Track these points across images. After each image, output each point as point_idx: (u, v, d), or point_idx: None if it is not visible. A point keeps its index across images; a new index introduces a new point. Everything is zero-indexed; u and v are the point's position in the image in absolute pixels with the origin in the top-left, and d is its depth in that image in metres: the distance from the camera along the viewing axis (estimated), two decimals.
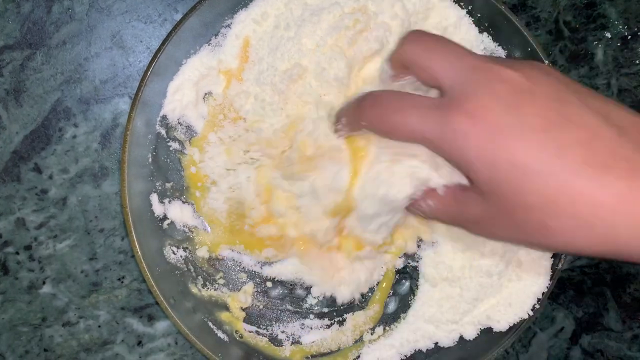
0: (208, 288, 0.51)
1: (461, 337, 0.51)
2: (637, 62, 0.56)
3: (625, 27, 0.56)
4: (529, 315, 0.48)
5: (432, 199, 0.37)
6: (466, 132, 0.30)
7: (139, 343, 0.54)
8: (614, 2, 0.56)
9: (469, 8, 0.50)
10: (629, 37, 0.56)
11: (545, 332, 0.56)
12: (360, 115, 0.37)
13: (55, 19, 0.53)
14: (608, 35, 0.56)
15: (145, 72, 0.47)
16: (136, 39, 0.54)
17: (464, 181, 0.36)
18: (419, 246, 0.51)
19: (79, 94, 0.53)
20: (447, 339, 0.50)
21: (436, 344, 0.51)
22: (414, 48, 0.35)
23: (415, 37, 0.36)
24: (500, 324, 0.49)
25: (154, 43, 0.54)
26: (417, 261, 0.52)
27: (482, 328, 0.50)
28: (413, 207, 0.39)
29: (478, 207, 0.32)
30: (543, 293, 0.49)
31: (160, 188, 0.50)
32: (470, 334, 0.50)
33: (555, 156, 0.29)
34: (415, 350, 0.51)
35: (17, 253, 0.53)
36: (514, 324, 0.49)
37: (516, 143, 0.29)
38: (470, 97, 0.31)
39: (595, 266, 0.56)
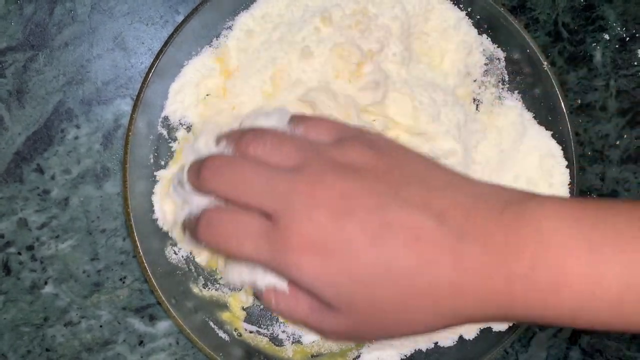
0: (209, 288, 0.51)
1: (461, 337, 0.51)
2: (636, 63, 0.56)
3: (624, 29, 0.56)
4: None
5: (282, 300, 0.36)
6: (297, 261, 0.31)
7: (141, 343, 0.54)
8: (612, 4, 0.56)
9: (469, 10, 0.51)
10: (628, 38, 0.56)
11: (544, 332, 0.57)
12: (198, 236, 0.35)
13: (58, 21, 0.54)
14: (607, 37, 0.56)
15: (147, 73, 0.48)
16: (138, 40, 0.54)
17: None
18: None
19: (81, 95, 0.54)
20: (447, 339, 0.51)
21: (436, 343, 0.51)
22: (212, 182, 0.34)
23: (213, 163, 0.34)
24: (500, 324, 0.49)
25: (155, 44, 0.54)
26: None
27: (482, 328, 0.50)
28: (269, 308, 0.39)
29: (336, 320, 0.33)
30: None
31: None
32: (470, 333, 0.50)
33: (389, 263, 0.30)
34: (415, 350, 0.51)
35: (19, 253, 0.53)
36: (514, 323, 0.49)
37: (349, 261, 0.30)
38: (294, 229, 0.31)
39: None
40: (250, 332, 0.51)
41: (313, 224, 0.31)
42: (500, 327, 0.49)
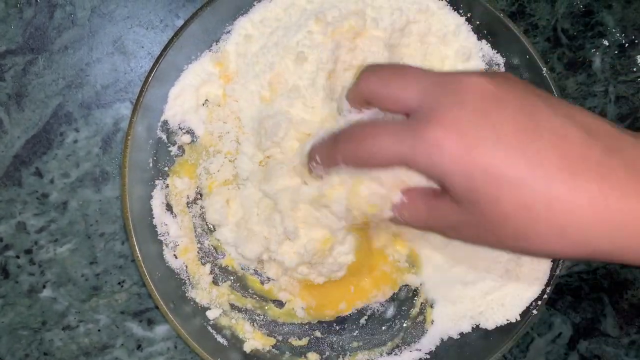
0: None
1: (460, 341, 0.51)
2: (635, 69, 0.57)
3: (623, 34, 0.56)
4: (516, 319, 0.49)
5: (404, 209, 0.36)
6: (439, 145, 0.30)
7: (139, 347, 0.54)
8: (611, 10, 0.56)
9: (468, 15, 0.51)
10: (627, 44, 0.56)
11: (542, 338, 0.57)
12: (336, 152, 0.36)
13: (58, 24, 0.54)
14: (606, 42, 0.57)
15: (147, 77, 0.48)
16: (137, 44, 0.54)
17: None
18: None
19: (80, 99, 0.54)
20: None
21: (432, 350, 0.52)
22: (370, 80, 0.35)
23: (369, 70, 0.36)
24: (488, 323, 0.50)
25: (155, 49, 0.54)
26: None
27: (475, 324, 0.50)
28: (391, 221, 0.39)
29: (454, 215, 0.32)
30: (537, 299, 0.49)
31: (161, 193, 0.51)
32: (465, 327, 0.51)
33: (529, 163, 0.29)
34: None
35: (18, 257, 0.53)
36: (502, 325, 0.49)
37: (490, 152, 0.29)
38: (439, 110, 0.31)
39: (593, 272, 0.57)
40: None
41: (461, 107, 0.30)
42: (488, 325, 0.50)
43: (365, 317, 0.53)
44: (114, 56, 0.54)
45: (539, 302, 0.49)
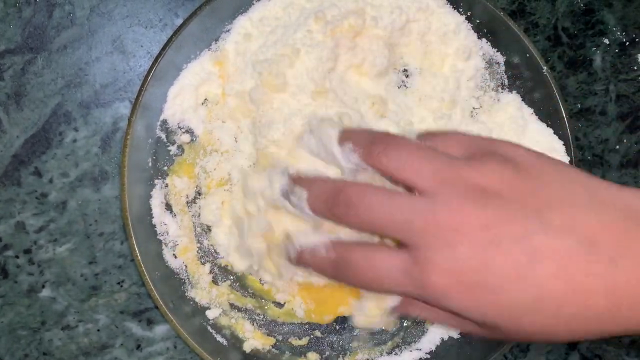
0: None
1: (460, 342, 0.51)
2: (635, 68, 0.56)
3: (624, 33, 0.56)
4: None
5: (424, 312, 0.37)
6: (443, 291, 0.31)
7: (138, 347, 0.54)
8: (612, 8, 0.56)
9: (468, 14, 0.51)
10: (627, 43, 0.56)
11: None
12: (329, 275, 0.36)
13: (56, 24, 0.53)
14: (606, 41, 0.56)
15: (146, 76, 0.47)
16: (137, 43, 0.54)
17: None
18: None
19: (79, 98, 0.54)
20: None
21: (432, 350, 0.51)
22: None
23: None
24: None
25: (154, 48, 0.54)
26: None
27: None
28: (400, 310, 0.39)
29: (481, 332, 0.33)
30: None
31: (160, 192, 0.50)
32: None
33: (537, 295, 0.29)
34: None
35: (17, 257, 0.53)
36: None
37: (496, 293, 0.30)
38: (436, 264, 0.31)
39: None
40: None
41: (456, 258, 0.30)
42: None
43: None
44: (113, 55, 0.54)
45: None
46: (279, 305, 0.52)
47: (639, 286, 0.28)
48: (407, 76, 0.52)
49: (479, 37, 0.51)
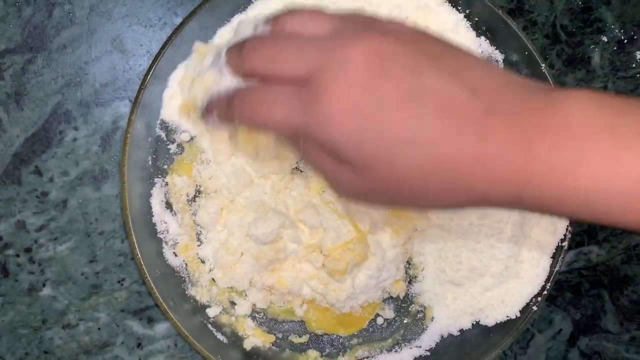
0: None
1: (460, 338, 0.51)
2: (634, 65, 0.57)
3: (622, 31, 0.56)
4: (516, 316, 0.49)
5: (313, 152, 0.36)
6: (328, 116, 0.31)
7: (139, 345, 0.54)
8: (610, 6, 0.56)
9: (467, 12, 0.51)
10: (625, 41, 0.56)
11: (543, 334, 0.57)
12: (231, 113, 0.36)
13: (56, 23, 0.54)
14: (604, 39, 0.56)
15: (146, 75, 0.48)
16: (136, 42, 0.54)
17: None
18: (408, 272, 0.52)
19: (79, 97, 0.54)
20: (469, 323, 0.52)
21: (432, 348, 0.52)
22: (253, 59, 0.35)
23: (250, 46, 0.35)
24: (488, 319, 0.50)
25: (154, 47, 0.54)
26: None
27: (475, 321, 0.50)
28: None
29: (356, 182, 0.33)
30: (536, 295, 0.49)
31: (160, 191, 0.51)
32: (465, 324, 0.51)
33: (417, 128, 0.30)
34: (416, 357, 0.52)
35: (18, 255, 0.53)
36: (502, 321, 0.49)
37: (379, 120, 0.30)
38: (327, 83, 0.31)
39: (593, 268, 0.56)
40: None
41: (347, 81, 0.31)
42: (488, 322, 0.50)
43: None
44: (112, 54, 0.54)
45: (539, 299, 0.49)
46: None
47: (505, 140, 0.30)
48: None
49: (478, 35, 0.51)
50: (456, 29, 0.51)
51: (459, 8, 0.51)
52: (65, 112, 0.54)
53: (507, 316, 0.50)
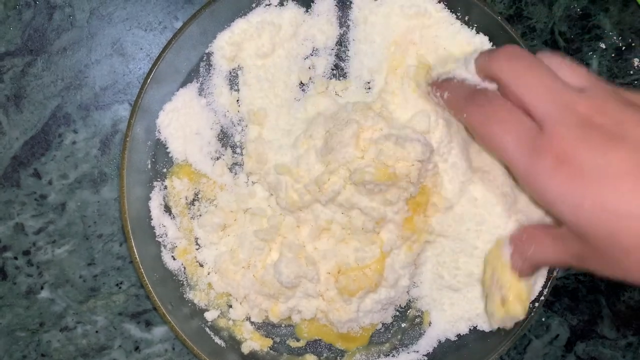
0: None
1: (456, 343, 0.51)
2: (632, 72, 0.57)
3: (620, 37, 0.57)
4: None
5: (531, 243, 0.38)
6: (550, 173, 0.31)
7: (137, 348, 0.54)
8: (608, 13, 0.57)
9: (466, 19, 0.51)
10: (624, 47, 0.57)
11: (540, 340, 0.57)
12: (464, 109, 0.37)
13: (56, 26, 0.54)
14: (603, 45, 0.57)
15: (145, 79, 0.48)
16: (136, 46, 0.54)
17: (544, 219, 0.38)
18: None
19: (79, 101, 0.54)
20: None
21: (429, 352, 0.52)
22: (505, 68, 0.36)
23: (509, 55, 0.36)
24: (486, 324, 0.50)
25: (154, 50, 0.54)
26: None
27: (472, 326, 0.50)
28: (516, 256, 0.40)
29: (575, 244, 0.33)
30: (534, 301, 0.49)
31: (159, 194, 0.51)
32: (462, 329, 0.51)
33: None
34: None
35: (16, 258, 0.53)
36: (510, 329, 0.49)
37: (604, 187, 0.30)
38: (561, 139, 0.31)
39: (590, 274, 0.57)
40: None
41: (580, 141, 0.31)
42: (485, 327, 0.50)
43: None
44: (112, 58, 0.54)
45: (536, 304, 0.49)
46: None
47: None
48: None
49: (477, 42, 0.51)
50: (455, 35, 0.51)
51: (458, 15, 0.51)
52: (64, 115, 0.54)
53: None
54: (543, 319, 0.57)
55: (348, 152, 0.43)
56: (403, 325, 0.53)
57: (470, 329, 0.51)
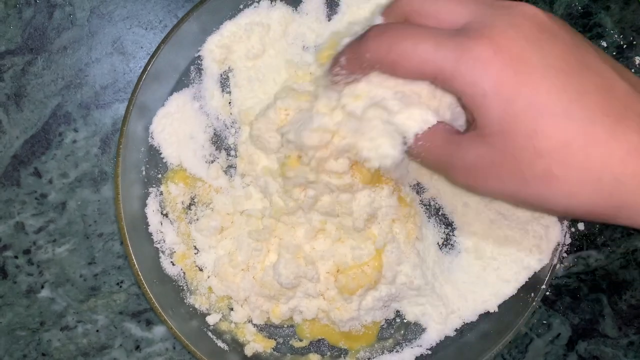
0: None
1: (458, 338, 0.51)
2: (633, 70, 0.57)
3: (621, 36, 0.56)
4: (494, 310, 0.50)
5: (422, 138, 0.34)
6: (487, 60, 0.28)
7: (137, 348, 0.54)
8: (609, 11, 0.57)
9: None
10: (625, 46, 0.57)
11: (541, 339, 0.57)
12: (365, 49, 0.32)
13: (57, 25, 0.54)
14: (604, 44, 0.57)
15: (140, 76, 0.47)
16: (137, 45, 0.54)
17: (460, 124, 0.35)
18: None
19: (79, 99, 0.54)
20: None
21: (432, 347, 0.52)
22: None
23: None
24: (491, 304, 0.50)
25: (154, 49, 0.54)
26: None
27: (477, 315, 0.51)
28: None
29: (474, 151, 0.30)
30: (535, 286, 0.49)
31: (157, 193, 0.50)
32: (467, 319, 0.51)
33: (575, 100, 0.27)
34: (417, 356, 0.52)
35: (16, 257, 0.53)
36: (505, 301, 0.50)
37: (538, 81, 0.28)
38: (493, 27, 0.29)
39: (592, 273, 0.57)
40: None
41: (515, 30, 0.28)
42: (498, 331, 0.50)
43: None
44: (113, 57, 0.54)
45: (537, 299, 0.49)
46: None
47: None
48: None
49: None
50: None
51: None
52: (65, 114, 0.54)
53: (508, 295, 0.50)
54: (544, 318, 0.57)
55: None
56: (406, 320, 0.53)
57: (464, 323, 0.51)
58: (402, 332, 0.52)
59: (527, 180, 0.29)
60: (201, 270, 0.51)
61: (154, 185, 0.50)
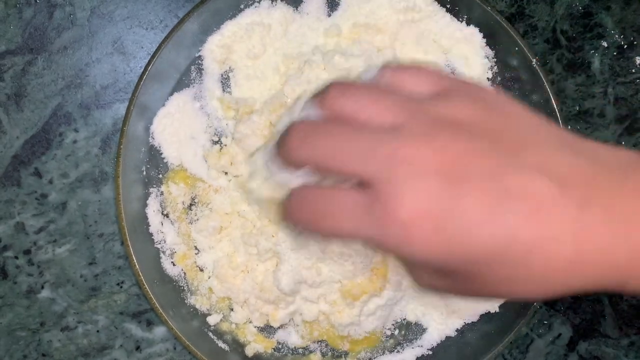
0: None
1: (458, 338, 0.51)
2: (634, 70, 0.57)
3: (622, 36, 0.56)
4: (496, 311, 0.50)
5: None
6: (407, 239, 0.27)
7: (138, 348, 0.54)
8: (610, 11, 0.57)
9: (466, 17, 0.51)
10: (625, 46, 0.57)
11: (542, 339, 0.57)
12: (293, 220, 0.31)
13: (57, 25, 0.54)
14: (605, 44, 0.57)
15: (141, 75, 0.47)
16: (137, 44, 0.54)
17: None
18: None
19: (79, 99, 0.54)
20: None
21: (433, 347, 0.52)
22: (303, 149, 0.30)
23: (299, 132, 0.30)
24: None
25: (155, 49, 0.54)
26: None
27: (476, 318, 0.51)
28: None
29: (440, 281, 0.31)
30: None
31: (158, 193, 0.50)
32: (457, 324, 0.51)
33: (511, 239, 0.27)
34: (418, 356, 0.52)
35: (16, 257, 0.53)
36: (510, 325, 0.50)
37: (466, 233, 0.27)
38: (400, 200, 0.27)
39: None
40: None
41: (423, 194, 0.27)
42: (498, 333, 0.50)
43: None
44: (113, 56, 0.54)
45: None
46: None
47: (604, 235, 0.27)
48: None
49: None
50: (456, 34, 0.51)
51: (459, 14, 0.51)
52: (65, 114, 0.54)
53: (487, 309, 0.51)
54: (545, 318, 0.57)
55: None
56: (406, 320, 0.53)
57: (472, 322, 0.51)
58: (403, 332, 0.52)
59: (495, 295, 0.30)
60: (202, 270, 0.51)
61: (155, 186, 0.50)
